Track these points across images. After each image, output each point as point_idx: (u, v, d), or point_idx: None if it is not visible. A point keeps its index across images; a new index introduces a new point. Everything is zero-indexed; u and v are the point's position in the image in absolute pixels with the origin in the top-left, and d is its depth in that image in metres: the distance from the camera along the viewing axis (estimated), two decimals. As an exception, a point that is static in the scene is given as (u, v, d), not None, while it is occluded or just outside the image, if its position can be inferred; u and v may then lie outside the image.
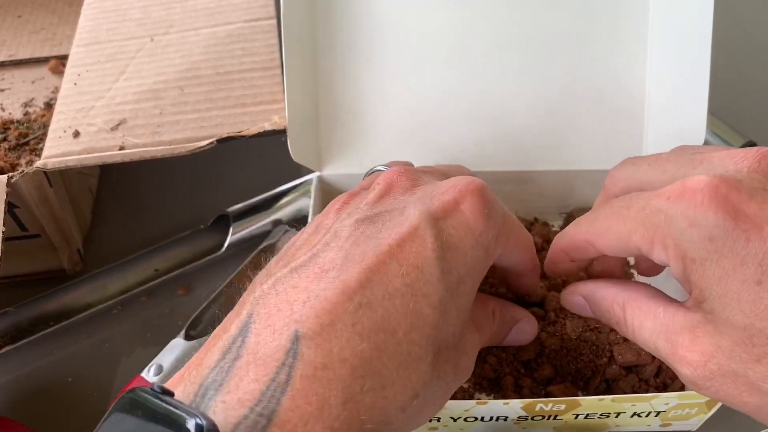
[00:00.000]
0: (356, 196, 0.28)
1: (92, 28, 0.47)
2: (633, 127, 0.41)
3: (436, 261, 0.24)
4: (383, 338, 0.22)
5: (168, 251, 0.44)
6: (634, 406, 0.32)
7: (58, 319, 0.40)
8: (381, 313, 0.22)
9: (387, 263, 0.23)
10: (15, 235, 0.40)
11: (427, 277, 0.24)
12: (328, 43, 0.40)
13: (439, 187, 0.27)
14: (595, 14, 0.39)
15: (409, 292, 0.23)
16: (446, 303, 0.24)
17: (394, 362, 0.22)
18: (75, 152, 0.38)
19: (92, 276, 0.42)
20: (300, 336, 0.21)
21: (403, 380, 0.23)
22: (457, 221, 0.25)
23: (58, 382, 0.38)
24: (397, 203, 0.26)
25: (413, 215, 0.25)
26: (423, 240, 0.24)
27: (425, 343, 0.23)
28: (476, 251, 0.26)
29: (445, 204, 0.26)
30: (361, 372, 0.22)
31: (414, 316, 0.23)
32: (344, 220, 0.26)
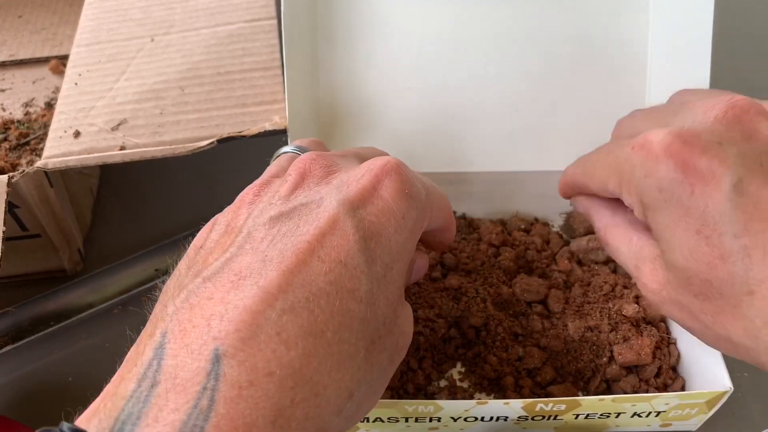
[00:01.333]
0: (267, 186, 0.26)
1: (93, 28, 0.47)
2: (633, 128, 0.41)
3: (359, 253, 0.23)
4: (312, 342, 0.21)
5: (168, 251, 0.44)
6: (635, 406, 0.32)
7: (59, 319, 0.40)
8: (306, 317, 0.21)
9: (308, 261, 0.22)
10: (15, 234, 0.40)
11: (352, 271, 0.22)
12: (328, 43, 0.40)
13: (355, 172, 0.25)
14: (595, 15, 0.39)
15: (334, 290, 0.22)
16: (373, 294, 0.23)
17: (326, 366, 0.21)
18: (75, 152, 0.38)
19: (92, 276, 0.42)
20: (220, 354, 0.20)
21: (337, 383, 0.21)
22: (377, 207, 0.24)
23: (58, 382, 0.38)
24: (313, 194, 0.25)
25: (331, 206, 0.24)
26: (344, 232, 0.23)
27: (355, 339, 0.22)
28: (400, 235, 0.24)
29: (362, 190, 0.24)
30: (290, 383, 0.20)
31: (341, 314, 0.22)
32: (257, 217, 0.24)
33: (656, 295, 0.26)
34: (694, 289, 0.24)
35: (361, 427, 0.33)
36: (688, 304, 0.24)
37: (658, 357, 0.35)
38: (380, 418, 0.32)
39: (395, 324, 0.25)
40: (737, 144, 0.23)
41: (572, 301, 0.37)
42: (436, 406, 0.31)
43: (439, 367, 0.36)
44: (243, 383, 0.19)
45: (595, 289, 0.38)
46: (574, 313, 0.37)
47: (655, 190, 0.24)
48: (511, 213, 0.44)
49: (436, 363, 0.36)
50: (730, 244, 0.22)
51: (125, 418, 0.19)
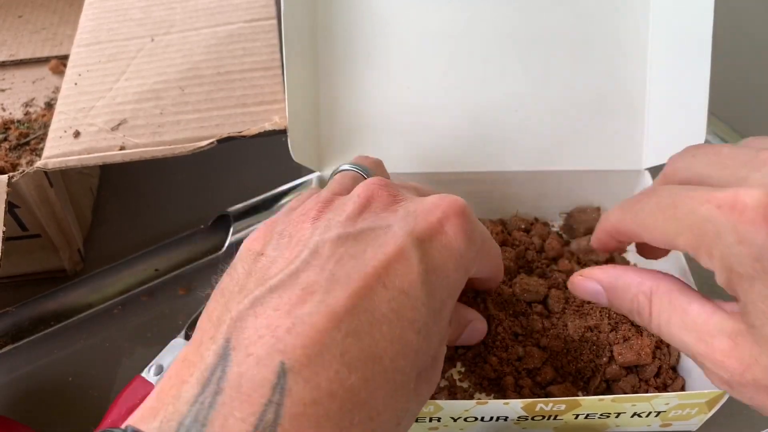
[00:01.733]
0: (331, 203, 0.27)
1: (93, 28, 0.47)
2: (633, 127, 0.41)
3: (422, 285, 0.23)
4: (371, 368, 0.21)
5: (168, 251, 0.44)
6: (635, 406, 0.32)
7: (59, 319, 0.40)
8: (368, 342, 0.21)
9: (374, 287, 0.22)
10: (15, 234, 0.40)
11: (413, 302, 0.23)
12: (328, 43, 0.40)
13: (423, 205, 0.26)
14: (595, 15, 0.39)
15: (395, 317, 0.22)
16: (429, 327, 0.23)
17: (382, 392, 0.21)
18: (75, 152, 0.38)
19: (92, 276, 0.42)
20: (287, 369, 0.20)
21: (390, 410, 0.22)
22: (441, 243, 0.25)
23: (58, 382, 0.38)
24: (380, 220, 0.25)
25: (399, 236, 0.24)
26: (409, 262, 0.23)
27: (409, 369, 0.23)
28: (458, 273, 0.25)
29: (430, 225, 0.25)
30: (350, 405, 0.20)
31: (400, 343, 0.22)
32: (323, 234, 0.24)
33: (737, 377, 0.23)
34: None
35: (361, 427, 0.33)
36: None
37: (658, 357, 0.35)
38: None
39: (438, 359, 0.26)
40: None
41: (572, 301, 0.37)
42: (436, 406, 0.31)
43: (439, 367, 0.36)
44: (307, 401, 0.20)
45: (595, 289, 0.38)
46: (574, 313, 0.37)
47: (750, 258, 0.21)
48: (511, 213, 0.44)
49: (436, 363, 0.36)
50: None
51: (189, 423, 0.19)
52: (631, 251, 0.42)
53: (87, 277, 0.42)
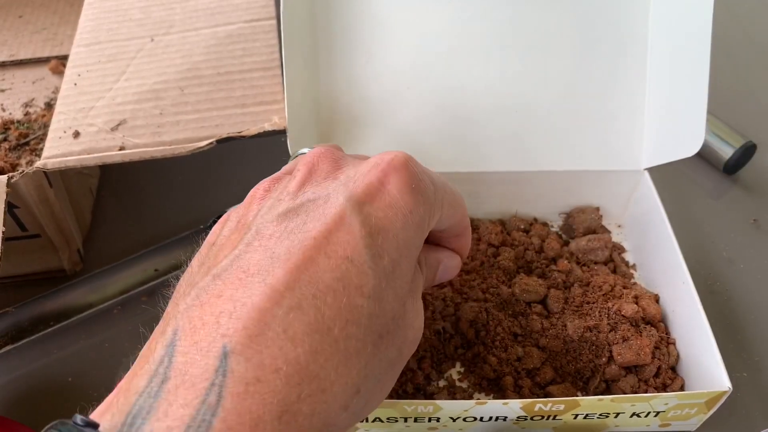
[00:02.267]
0: (278, 181, 0.27)
1: (93, 28, 0.47)
2: (633, 127, 0.41)
3: (365, 249, 0.23)
4: (318, 339, 0.21)
5: (168, 251, 0.44)
6: (634, 406, 0.32)
7: (58, 319, 0.40)
8: (313, 314, 0.21)
9: (315, 258, 0.22)
10: (15, 235, 0.40)
11: (358, 267, 0.22)
12: (328, 43, 0.40)
13: (362, 168, 0.25)
14: (595, 14, 0.39)
15: (340, 286, 0.22)
16: (381, 290, 0.23)
17: (332, 362, 0.21)
18: (75, 152, 0.38)
19: (92, 276, 0.42)
20: (228, 351, 0.20)
21: (343, 379, 0.21)
22: (383, 203, 0.24)
23: (58, 382, 0.38)
24: (320, 190, 0.25)
25: (337, 203, 0.24)
26: (350, 228, 0.23)
27: (363, 335, 0.22)
28: (407, 231, 0.24)
29: (369, 186, 0.24)
30: (297, 379, 0.20)
31: (348, 311, 0.22)
32: (265, 214, 0.24)
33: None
34: None
35: (361, 427, 0.33)
36: None
37: (657, 357, 0.35)
38: (379, 418, 0.32)
39: (404, 319, 0.25)
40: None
41: (571, 301, 0.37)
42: (436, 406, 0.31)
43: (438, 368, 0.36)
44: (250, 379, 0.20)
45: (594, 289, 0.38)
46: (574, 313, 0.37)
47: None
48: (511, 213, 0.44)
49: (436, 363, 0.36)
50: None
51: (136, 412, 0.20)
52: (630, 251, 0.43)
53: (87, 277, 0.42)
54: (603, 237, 0.41)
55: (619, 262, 0.41)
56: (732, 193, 0.48)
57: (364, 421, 0.32)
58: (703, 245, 0.44)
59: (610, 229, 0.43)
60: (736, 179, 0.49)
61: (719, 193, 0.48)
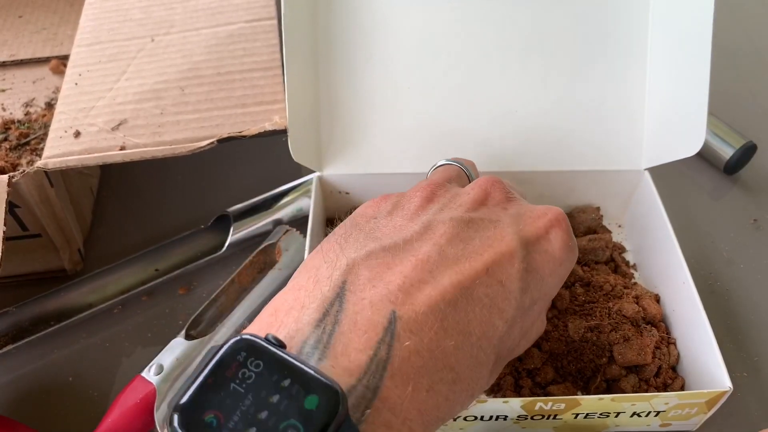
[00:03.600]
0: (443, 188, 0.29)
1: (93, 28, 0.47)
2: (633, 128, 0.41)
3: (518, 281, 0.26)
4: (462, 339, 0.24)
5: (168, 251, 0.44)
6: (634, 406, 0.32)
7: (59, 319, 0.40)
8: (463, 316, 0.24)
9: (478, 272, 0.25)
10: (16, 234, 0.40)
11: (507, 294, 0.25)
12: (328, 43, 0.40)
13: (532, 211, 0.29)
14: (595, 15, 0.39)
15: (489, 302, 0.25)
16: (515, 319, 0.26)
17: (467, 363, 0.24)
18: (76, 152, 0.38)
19: (93, 276, 0.42)
20: (397, 317, 0.23)
21: (470, 380, 0.24)
22: (543, 248, 0.27)
23: (58, 382, 0.38)
24: (492, 215, 0.28)
25: (508, 233, 0.27)
26: (513, 259, 0.26)
27: (490, 351, 0.25)
28: (553, 279, 0.28)
29: (536, 230, 0.28)
30: (441, 365, 0.23)
31: (488, 326, 0.25)
32: (437, 213, 0.27)
33: None
34: None
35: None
36: None
37: (657, 357, 0.35)
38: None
39: (513, 352, 0.28)
40: None
41: (572, 300, 0.37)
42: (436, 405, 0.31)
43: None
44: (412, 349, 0.22)
45: (595, 289, 0.38)
46: (574, 313, 0.37)
47: None
48: (511, 213, 0.44)
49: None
50: None
51: (312, 344, 0.22)
52: (630, 251, 0.43)
53: (87, 277, 0.42)
54: (603, 237, 0.41)
55: (620, 261, 0.41)
56: (732, 193, 0.48)
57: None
58: (703, 245, 0.44)
59: (610, 229, 0.43)
60: (736, 179, 0.49)
61: (719, 193, 0.48)
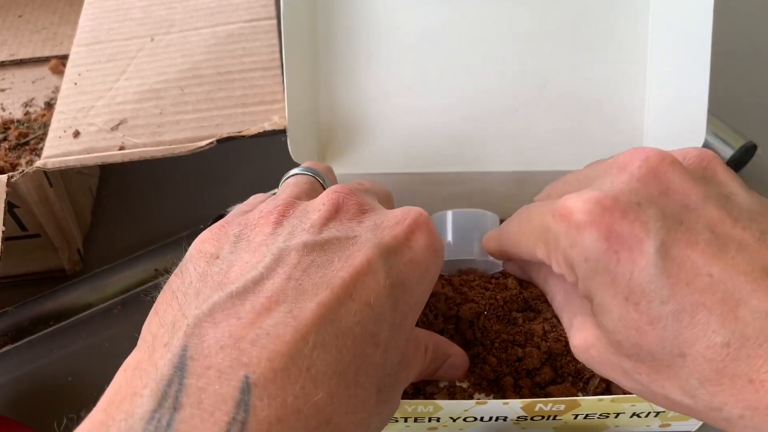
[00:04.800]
0: (293, 207, 0.26)
1: (93, 27, 0.47)
2: (633, 127, 0.41)
3: (386, 299, 0.23)
4: (335, 383, 0.20)
5: (168, 251, 0.44)
6: (634, 407, 0.32)
7: (58, 319, 0.40)
8: (334, 355, 0.21)
9: (342, 299, 0.22)
10: (15, 234, 0.40)
11: (377, 316, 0.22)
12: (328, 43, 0.40)
13: (389, 218, 0.26)
14: (595, 14, 0.39)
15: (359, 331, 0.22)
16: (389, 342, 0.23)
17: (344, 408, 0.21)
18: (75, 152, 0.38)
19: (92, 276, 0.42)
20: (251, 384, 0.19)
21: (351, 425, 0.21)
22: (406, 257, 0.25)
23: (58, 382, 0.38)
24: (347, 231, 0.24)
25: (366, 248, 0.23)
26: (375, 275, 0.23)
27: (369, 384, 0.22)
28: (421, 287, 0.25)
29: (395, 238, 0.25)
30: (315, 423, 0.19)
31: (362, 358, 0.21)
32: (287, 240, 0.23)
33: (583, 354, 0.25)
34: (626, 351, 0.23)
35: (361, 427, 0.33)
36: (620, 363, 0.24)
37: (657, 357, 0.35)
38: None
39: (397, 378, 0.25)
40: (655, 202, 0.22)
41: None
42: (436, 406, 0.31)
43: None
44: (272, 419, 0.19)
45: (594, 290, 0.38)
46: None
47: (581, 259, 0.23)
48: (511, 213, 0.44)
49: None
50: (658, 310, 0.21)
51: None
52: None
53: (87, 277, 0.42)
54: (603, 237, 0.41)
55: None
56: (732, 193, 0.48)
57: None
58: (704, 245, 0.44)
59: (610, 229, 0.43)
60: (736, 179, 0.49)
61: (719, 193, 0.48)
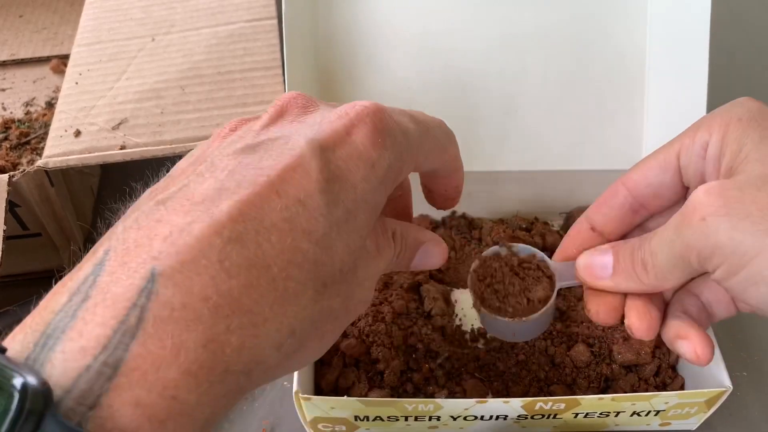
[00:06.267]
0: (246, 121, 0.26)
1: (94, 27, 0.47)
2: (633, 128, 0.41)
3: (320, 194, 0.22)
4: (255, 275, 0.20)
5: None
6: (634, 405, 0.32)
7: (59, 318, 0.40)
8: (254, 249, 0.21)
9: (265, 196, 0.21)
10: (16, 233, 0.40)
11: (310, 212, 0.22)
12: (328, 43, 0.40)
13: (330, 113, 0.25)
14: (594, 15, 0.40)
15: (287, 227, 0.21)
16: (331, 238, 0.22)
17: (267, 299, 0.21)
18: (76, 151, 0.38)
19: (93, 275, 0.42)
20: (156, 274, 0.19)
21: (278, 317, 0.21)
22: (346, 151, 0.23)
23: (59, 381, 0.38)
24: (284, 131, 0.24)
25: (298, 145, 0.23)
26: (307, 171, 0.22)
27: (304, 279, 0.22)
28: (368, 183, 0.24)
29: (334, 132, 0.24)
30: (227, 311, 0.20)
31: (292, 252, 0.21)
32: (224, 148, 0.24)
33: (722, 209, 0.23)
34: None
35: (361, 426, 0.33)
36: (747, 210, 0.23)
37: (657, 356, 0.35)
38: (380, 416, 0.32)
39: (354, 273, 0.24)
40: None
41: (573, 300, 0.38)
42: (436, 404, 0.31)
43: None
44: (176, 305, 0.19)
45: (594, 289, 0.38)
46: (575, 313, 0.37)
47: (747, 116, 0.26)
48: (512, 212, 0.44)
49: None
50: None
51: (50, 331, 0.19)
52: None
53: (87, 276, 0.42)
54: (603, 236, 0.41)
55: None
56: (732, 193, 0.48)
57: (364, 419, 0.32)
58: (703, 245, 0.44)
59: (610, 228, 0.43)
60: (735, 179, 0.49)
61: (719, 193, 0.48)
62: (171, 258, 0.20)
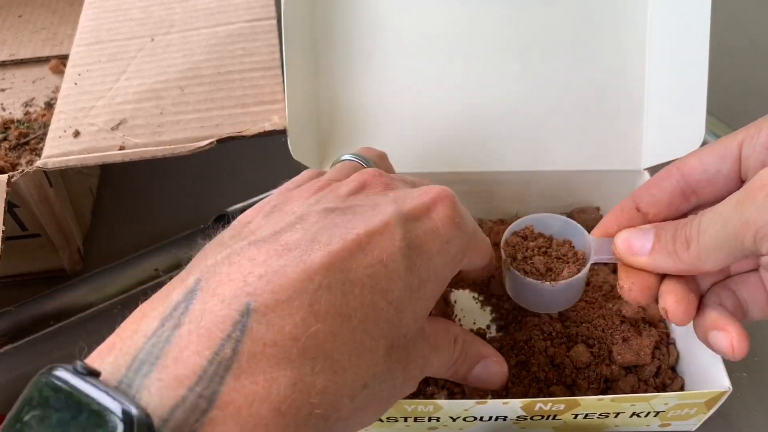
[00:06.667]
0: (326, 186, 0.27)
1: (93, 27, 0.47)
2: (633, 128, 0.41)
3: (401, 258, 0.24)
4: (339, 323, 0.22)
5: (168, 251, 0.44)
6: (633, 406, 0.32)
7: (59, 319, 0.40)
8: (340, 299, 0.22)
9: (353, 252, 0.23)
10: (15, 234, 0.40)
11: (390, 273, 0.23)
12: (328, 43, 0.40)
13: (413, 191, 0.27)
14: (594, 15, 0.39)
15: (369, 283, 0.23)
16: (403, 302, 0.24)
17: (347, 348, 0.22)
18: (75, 152, 0.38)
19: (92, 275, 0.42)
20: (251, 309, 0.20)
21: (355, 368, 0.22)
22: (426, 225, 0.25)
23: (58, 382, 0.38)
24: (369, 200, 0.26)
25: (385, 212, 0.25)
26: (391, 236, 0.24)
27: (378, 335, 0.23)
28: (441, 258, 0.26)
29: (417, 207, 0.26)
30: (313, 353, 0.21)
31: (371, 308, 0.23)
32: (312, 206, 0.25)
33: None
34: None
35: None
36: None
37: (657, 357, 0.35)
38: (379, 417, 0.32)
39: (414, 346, 0.25)
40: None
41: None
42: (436, 405, 0.31)
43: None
44: (268, 341, 0.20)
45: (594, 289, 0.38)
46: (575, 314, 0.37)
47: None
48: (512, 213, 0.44)
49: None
50: None
51: (143, 357, 0.19)
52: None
53: (87, 277, 0.42)
54: (603, 237, 0.41)
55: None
56: (732, 193, 0.48)
57: (364, 420, 0.32)
58: (703, 245, 0.44)
59: (610, 229, 0.43)
60: (735, 179, 0.49)
61: (719, 193, 0.48)
62: (266, 295, 0.21)
